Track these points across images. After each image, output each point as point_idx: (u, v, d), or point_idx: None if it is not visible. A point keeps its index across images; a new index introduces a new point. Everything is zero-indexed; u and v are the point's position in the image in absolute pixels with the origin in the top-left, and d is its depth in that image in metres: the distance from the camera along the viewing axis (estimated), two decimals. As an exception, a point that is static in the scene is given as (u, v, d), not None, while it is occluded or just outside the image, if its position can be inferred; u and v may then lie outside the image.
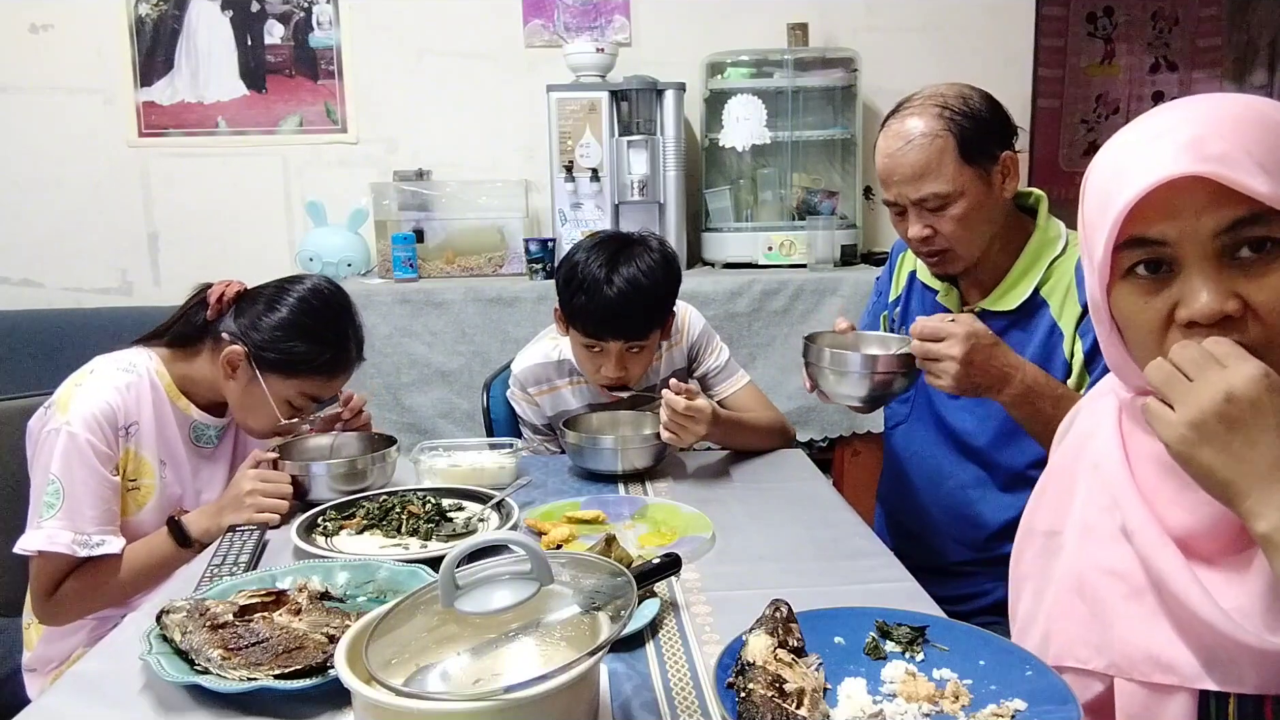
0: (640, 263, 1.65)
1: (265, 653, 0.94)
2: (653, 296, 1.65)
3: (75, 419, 1.37)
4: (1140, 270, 0.76)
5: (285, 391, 1.48)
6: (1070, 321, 1.42)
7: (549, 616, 0.80)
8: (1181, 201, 0.72)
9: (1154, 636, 0.78)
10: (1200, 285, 0.72)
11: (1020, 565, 0.96)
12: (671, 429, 1.57)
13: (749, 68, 2.98)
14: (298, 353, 1.46)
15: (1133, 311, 0.77)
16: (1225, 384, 0.68)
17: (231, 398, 1.51)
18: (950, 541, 1.59)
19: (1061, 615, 0.87)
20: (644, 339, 1.68)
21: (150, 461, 1.47)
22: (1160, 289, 0.75)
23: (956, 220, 1.40)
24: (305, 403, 1.51)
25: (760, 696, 0.78)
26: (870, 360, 1.37)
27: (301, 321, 1.47)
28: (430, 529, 1.34)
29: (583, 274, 1.64)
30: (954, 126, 1.39)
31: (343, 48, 3.14)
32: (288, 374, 1.47)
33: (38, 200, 3.12)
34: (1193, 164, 0.70)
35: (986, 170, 1.42)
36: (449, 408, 2.79)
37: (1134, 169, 0.73)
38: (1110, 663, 0.81)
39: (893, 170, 1.41)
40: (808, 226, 2.90)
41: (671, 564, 1.03)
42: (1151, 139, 0.74)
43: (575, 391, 1.86)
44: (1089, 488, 0.87)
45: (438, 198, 3.00)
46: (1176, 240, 0.73)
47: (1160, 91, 3.54)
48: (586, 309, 1.64)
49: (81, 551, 1.35)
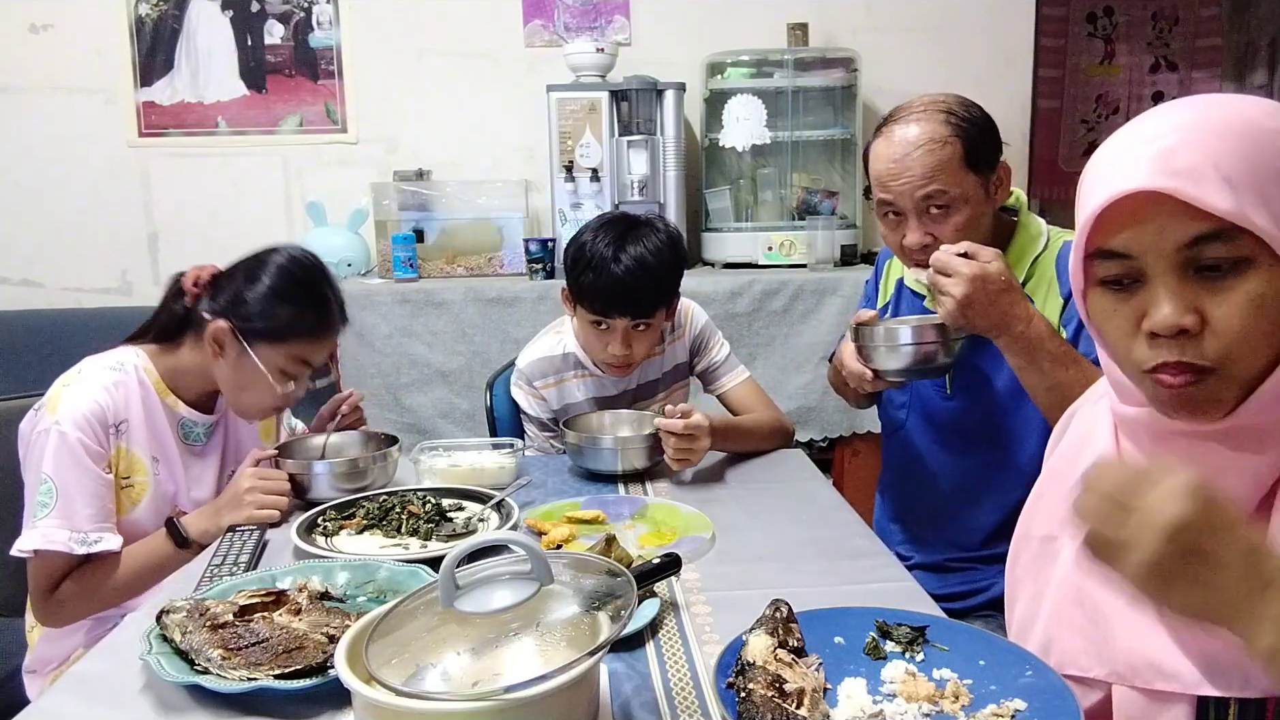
0: (648, 242, 1.67)
1: (265, 653, 0.94)
2: (659, 275, 1.67)
3: (65, 419, 1.37)
4: (1109, 279, 0.76)
5: (275, 359, 1.47)
6: (1054, 312, 1.43)
7: (549, 616, 0.80)
8: (1146, 214, 0.71)
9: (1154, 644, 0.78)
10: (1163, 298, 0.72)
11: (1016, 569, 0.96)
12: (678, 456, 1.58)
13: (749, 68, 2.98)
14: (283, 317, 1.46)
15: (1104, 318, 0.78)
16: (1164, 517, 0.64)
17: (223, 379, 1.49)
18: (950, 538, 1.60)
19: (1061, 624, 0.87)
20: (650, 317, 1.70)
21: (142, 459, 1.46)
22: (1128, 298, 0.75)
23: (957, 229, 1.40)
24: (298, 368, 1.50)
25: (760, 696, 0.78)
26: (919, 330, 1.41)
27: (283, 286, 1.47)
28: (430, 529, 1.34)
29: (591, 252, 1.67)
30: (960, 133, 1.39)
31: (343, 48, 3.14)
32: (276, 340, 1.46)
33: (38, 200, 3.13)
34: (1155, 178, 0.70)
35: (985, 179, 1.42)
36: (449, 408, 2.79)
37: (1104, 179, 0.74)
38: (1111, 671, 0.81)
39: (898, 174, 1.40)
40: (808, 226, 2.90)
41: (671, 564, 1.03)
42: (1126, 149, 0.74)
43: (581, 385, 1.87)
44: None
45: (438, 198, 3.00)
46: (1141, 253, 0.73)
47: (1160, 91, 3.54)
48: (594, 286, 1.66)
49: (79, 549, 1.35)
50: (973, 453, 1.54)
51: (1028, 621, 0.92)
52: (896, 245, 1.47)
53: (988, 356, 1.49)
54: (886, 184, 1.42)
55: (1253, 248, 0.70)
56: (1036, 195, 3.54)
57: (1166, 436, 0.79)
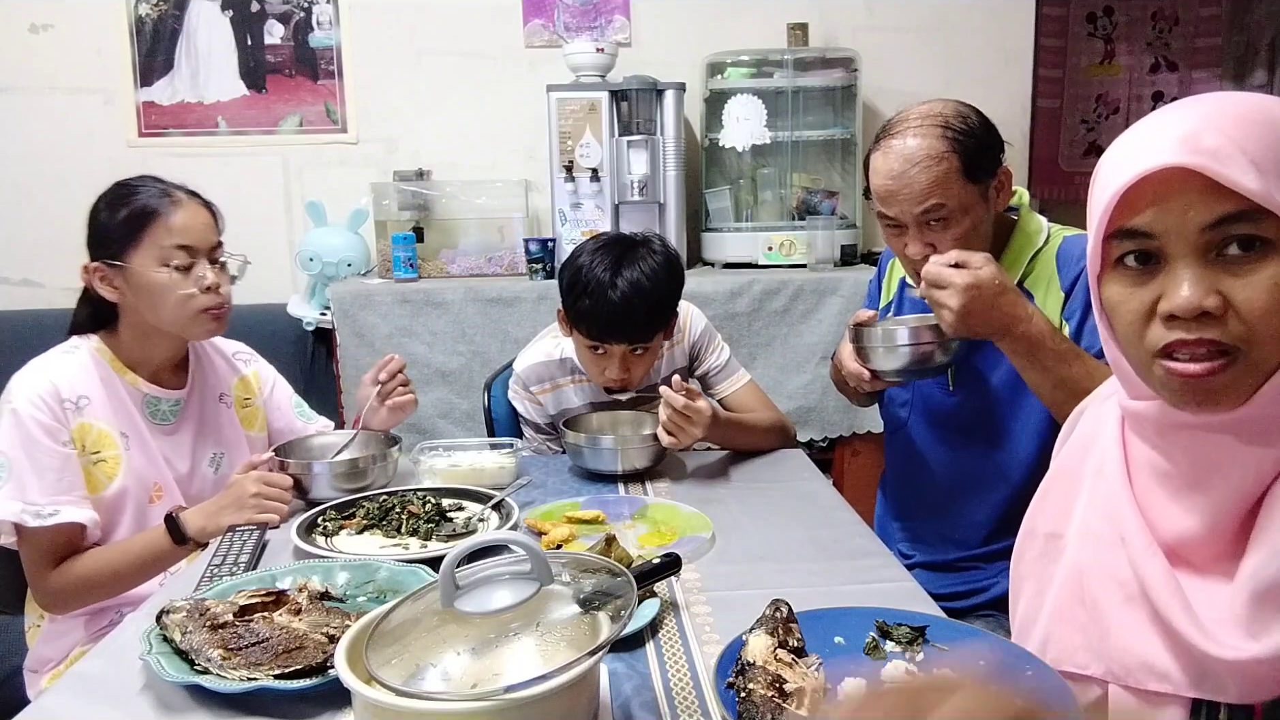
0: (644, 265, 1.65)
1: (265, 653, 0.94)
2: (656, 299, 1.65)
3: (18, 397, 1.39)
4: (1129, 261, 0.75)
5: (149, 257, 1.44)
6: (1055, 308, 1.44)
7: (549, 616, 0.80)
8: (1171, 194, 0.71)
9: (1148, 644, 0.78)
10: (1183, 279, 0.72)
11: (1020, 565, 0.96)
12: (670, 429, 1.57)
13: (749, 68, 2.97)
14: (122, 216, 1.45)
15: (1119, 301, 0.77)
16: None
17: (141, 313, 1.48)
18: (951, 536, 1.60)
19: (1061, 620, 0.87)
20: (648, 341, 1.69)
21: (110, 433, 1.46)
22: (1146, 280, 0.75)
23: (956, 239, 1.40)
24: (175, 254, 1.45)
25: (760, 696, 0.78)
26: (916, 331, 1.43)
27: (109, 198, 1.48)
28: (430, 529, 1.34)
29: (586, 277, 1.64)
30: (958, 146, 1.38)
31: (343, 48, 3.14)
32: (134, 242, 1.44)
33: (38, 200, 3.12)
34: (1183, 156, 0.70)
35: (985, 187, 1.42)
36: (449, 408, 2.79)
37: (1127, 160, 0.73)
38: (1107, 669, 0.81)
39: (896, 191, 1.40)
40: (808, 226, 2.90)
41: (671, 564, 1.03)
42: (1150, 132, 0.74)
43: (578, 390, 1.86)
44: (1092, 493, 0.87)
45: (438, 198, 3.00)
46: (1163, 233, 0.72)
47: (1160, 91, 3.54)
48: (591, 313, 1.64)
49: (32, 521, 1.35)
50: (974, 449, 1.54)
51: (1030, 617, 0.92)
52: (899, 251, 1.49)
53: (989, 352, 1.49)
54: (885, 200, 1.43)
55: (1277, 232, 0.70)
56: (1037, 195, 3.53)
57: (1173, 430, 0.78)
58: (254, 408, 1.70)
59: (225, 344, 1.71)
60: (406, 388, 1.67)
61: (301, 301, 3.01)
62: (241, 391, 1.68)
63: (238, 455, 1.62)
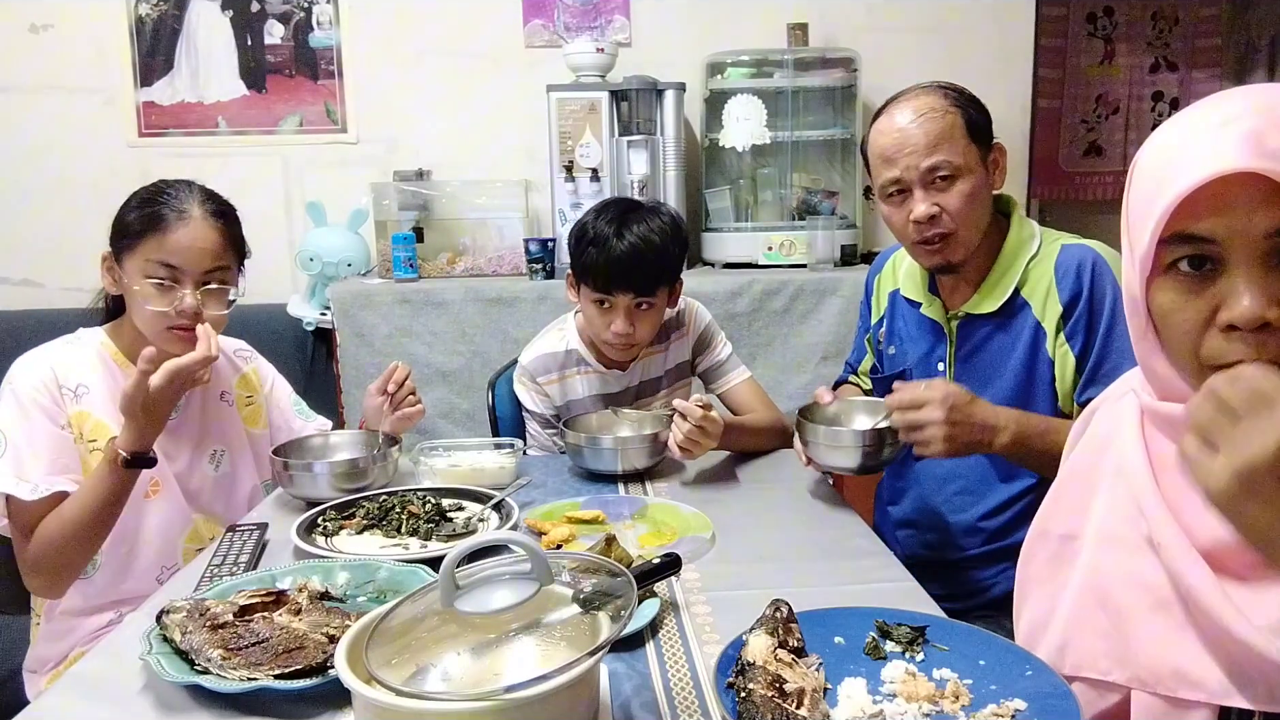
0: (650, 221, 1.72)
1: (265, 653, 0.94)
2: (661, 251, 1.70)
3: (19, 380, 1.41)
4: (1183, 266, 0.71)
5: (135, 268, 1.44)
6: (1052, 321, 1.43)
7: (549, 616, 0.80)
8: (1234, 198, 0.67)
9: (1180, 651, 0.75)
10: (1244, 288, 0.68)
11: (1030, 566, 0.94)
12: (685, 444, 1.57)
13: (749, 68, 2.98)
14: (125, 219, 1.47)
15: (1171, 309, 0.73)
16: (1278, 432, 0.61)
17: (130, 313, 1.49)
18: (951, 538, 1.60)
19: (1080, 625, 0.85)
20: (652, 295, 1.72)
21: (108, 424, 1.45)
22: (1203, 288, 0.71)
23: (964, 197, 1.41)
24: (156, 270, 1.43)
25: (760, 696, 0.78)
26: (861, 435, 1.44)
27: (131, 200, 1.50)
28: (430, 529, 1.34)
29: (594, 230, 1.71)
30: (959, 105, 1.43)
31: (343, 48, 3.14)
32: (130, 250, 1.45)
33: (38, 200, 3.12)
34: (1251, 159, 0.65)
35: (984, 154, 1.45)
36: (449, 408, 2.79)
37: (1187, 159, 0.69)
38: (1132, 675, 0.79)
39: (902, 145, 1.41)
40: (808, 226, 2.90)
41: (671, 564, 1.03)
42: (1209, 128, 0.69)
43: (584, 381, 1.87)
44: (1112, 494, 0.84)
45: (438, 198, 3.00)
46: (1225, 239, 0.69)
47: (1160, 91, 3.54)
48: (597, 262, 1.69)
49: (28, 495, 1.34)
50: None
51: (1041, 621, 0.90)
52: (903, 225, 1.47)
53: (989, 352, 1.49)
54: (891, 157, 1.43)
55: None
56: (1036, 195, 3.53)
57: None
58: (257, 405, 1.70)
59: (225, 341, 1.70)
60: (414, 396, 1.67)
61: (301, 301, 3.01)
62: (244, 389, 1.68)
63: (239, 452, 1.62)
